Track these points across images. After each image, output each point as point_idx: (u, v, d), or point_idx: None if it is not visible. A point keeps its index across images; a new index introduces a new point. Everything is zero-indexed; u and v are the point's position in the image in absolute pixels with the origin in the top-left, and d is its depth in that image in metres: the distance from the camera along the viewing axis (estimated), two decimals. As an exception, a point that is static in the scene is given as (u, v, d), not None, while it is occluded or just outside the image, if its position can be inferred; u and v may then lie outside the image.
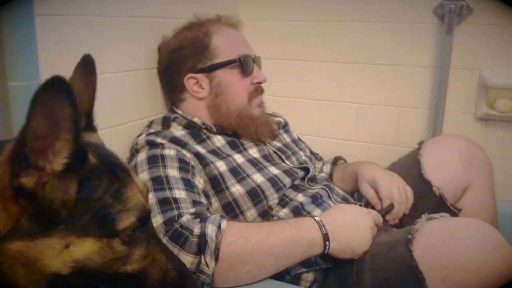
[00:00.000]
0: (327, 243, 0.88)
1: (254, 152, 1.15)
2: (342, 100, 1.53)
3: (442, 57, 1.32)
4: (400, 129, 1.48)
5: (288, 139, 1.30)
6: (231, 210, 1.04)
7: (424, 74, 1.41)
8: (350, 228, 0.91)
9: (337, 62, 1.51)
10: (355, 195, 1.28)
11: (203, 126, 1.15)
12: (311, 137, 1.58)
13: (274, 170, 1.12)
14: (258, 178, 1.08)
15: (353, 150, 1.54)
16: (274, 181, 1.09)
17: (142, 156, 1.02)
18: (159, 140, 1.05)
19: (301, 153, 1.28)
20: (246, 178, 1.06)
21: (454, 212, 1.14)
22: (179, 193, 0.92)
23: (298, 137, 1.37)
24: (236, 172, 1.06)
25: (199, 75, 1.15)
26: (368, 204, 1.16)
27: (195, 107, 1.17)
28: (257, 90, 1.20)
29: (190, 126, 1.14)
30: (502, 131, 1.36)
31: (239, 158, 1.10)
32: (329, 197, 1.15)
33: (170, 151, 1.03)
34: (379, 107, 1.49)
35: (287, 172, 1.14)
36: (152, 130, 1.12)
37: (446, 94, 1.33)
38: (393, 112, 1.47)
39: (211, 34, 1.15)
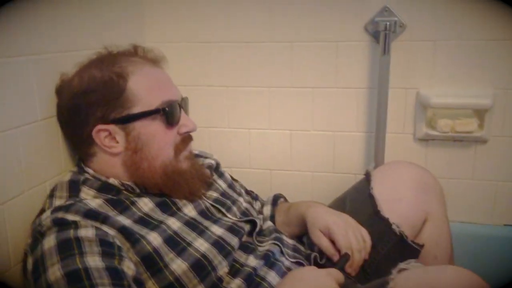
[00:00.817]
0: None
1: (190, 210, 0.95)
2: (273, 128, 1.38)
3: (379, 77, 1.23)
4: (337, 155, 1.37)
5: (223, 185, 1.12)
6: (174, 292, 0.84)
7: (359, 96, 1.31)
8: None
9: (263, 87, 1.36)
10: (304, 239, 1.14)
11: (123, 188, 0.92)
12: (242, 170, 1.42)
13: (217, 230, 0.94)
14: (201, 245, 0.88)
15: (288, 180, 1.41)
16: (220, 245, 0.90)
17: (49, 242, 0.78)
18: (70, 217, 0.81)
19: (241, 200, 1.10)
20: (187, 248, 0.86)
21: (416, 249, 1.05)
22: None
23: (231, 176, 1.20)
24: (174, 242, 0.86)
25: (111, 127, 0.91)
26: (321, 253, 1.04)
27: (109, 164, 0.93)
28: (185, 141, 0.98)
29: (105, 189, 0.91)
30: (442, 150, 1.31)
31: (174, 223, 0.90)
32: (281, 252, 1.00)
33: (87, 231, 0.79)
34: (313, 133, 1.37)
35: (231, 229, 0.96)
36: (57, 202, 0.87)
37: (391, 116, 1.25)
38: (329, 138, 1.36)
39: (127, 76, 0.91)
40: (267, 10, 1.31)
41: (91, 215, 0.82)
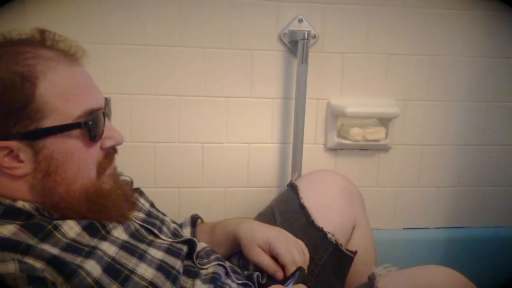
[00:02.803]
0: None
1: (119, 233, 0.78)
2: (183, 140, 1.27)
3: (297, 87, 1.22)
4: (251, 168, 1.31)
5: (146, 204, 0.97)
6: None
7: (274, 106, 1.28)
8: None
9: (173, 95, 1.24)
10: (235, 261, 1.05)
11: (36, 213, 0.72)
12: (147, 189, 1.25)
13: (156, 253, 0.80)
14: (145, 271, 0.73)
15: (198, 198, 1.30)
16: (165, 270, 0.76)
17: None
18: None
19: (167, 219, 0.97)
20: (131, 276, 0.71)
21: (351, 256, 1.04)
22: None
23: None
24: (116, 271, 0.70)
25: (13, 143, 0.69)
26: (262, 271, 0.96)
27: (10, 189, 0.72)
28: (109, 156, 0.80)
29: (12, 215, 0.70)
30: (350, 159, 1.35)
31: (109, 248, 0.73)
32: (226, 274, 0.89)
33: (7, 267, 0.60)
34: (227, 145, 1.29)
35: (170, 251, 0.82)
36: None
37: (304, 126, 1.24)
38: (243, 150, 1.30)
39: (35, 78, 0.69)
40: (178, 11, 1.20)
41: (7, 245, 0.62)
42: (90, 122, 0.73)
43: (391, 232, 1.41)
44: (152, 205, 0.99)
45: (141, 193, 1.00)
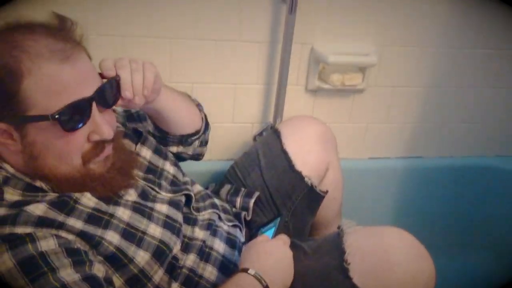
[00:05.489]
0: None
1: (131, 195, 0.90)
2: (175, 81, 1.33)
3: (284, 33, 1.27)
4: (237, 106, 1.41)
5: (148, 154, 1.04)
6: (137, 282, 0.83)
7: (261, 50, 1.34)
8: (279, 267, 0.87)
9: (166, 38, 1.28)
10: (223, 195, 1.21)
11: (51, 191, 0.80)
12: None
13: (162, 208, 0.93)
14: (155, 230, 0.88)
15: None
16: (170, 226, 0.91)
17: (5, 264, 0.69)
18: (19, 229, 0.72)
19: (167, 165, 1.06)
20: (144, 236, 0.85)
21: (322, 195, 1.21)
22: None
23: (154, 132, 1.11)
24: (131, 235, 0.84)
25: (5, 125, 0.75)
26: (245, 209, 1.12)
27: (12, 159, 0.80)
28: (97, 148, 0.81)
29: (33, 190, 0.79)
30: (326, 100, 1.46)
31: (124, 213, 0.85)
32: (219, 218, 1.05)
33: (48, 242, 0.72)
34: (214, 85, 1.37)
35: (172, 203, 0.96)
36: None
37: (289, 70, 1.32)
38: (230, 90, 1.39)
39: (21, 76, 0.71)
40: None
41: (44, 222, 0.74)
42: (63, 117, 0.73)
43: (358, 161, 1.58)
44: (155, 150, 1.04)
45: (144, 141, 1.04)
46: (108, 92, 0.81)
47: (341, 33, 1.37)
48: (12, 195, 0.78)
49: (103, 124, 0.80)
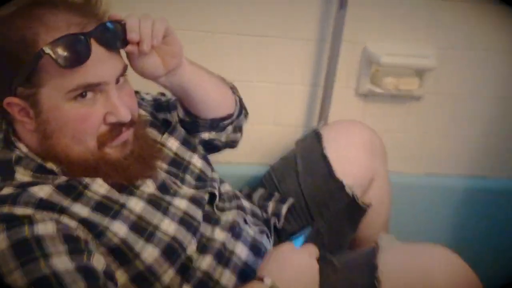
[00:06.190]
0: None
1: (148, 186, 0.83)
2: (215, 77, 1.28)
3: (333, 30, 1.18)
4: (279, 107, 1.33)
5: (175, 145, 0.97)
6: (144, 280, 0.76)
7: (308, 48, 1.26)
8: (300, 281, 0.77)
9: (206, 31, 1.23)
10: (255, 198, 1.12)
11: (62, 174, 0.76)
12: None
13: (181, 203, 0.85)
14: (169, 226, 0.80)
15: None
16: (187, 222, 0.83)
17: (0, 244, 0.64)
18: (19, 210, 0.67)
19: (195, 158, 0.98)
20: (156, 231, 0.78)
21: (364, 208, 1.09)
22: None
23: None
24: (140, 228, 0.77)
25: (22, 102, 0.72)
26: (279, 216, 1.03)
27: (27, 138, 0.77)
28: (113, 131, 0.77)
29: (45, 172, 0.76)
30: (379, 105, 1.34)
31: (136, 204, 0.79)
32: (245, 221, 0.96)
33: (46, 227, 0.67)
34: (256, 84, 1.30)
35: (193, 200, 0.88)
36: None
37: (337, 71, 1.22)
38: (272, 89, 1.31)
39: (38, 47, 0.68)
40: None
41: (45, 205, 0.69)
42: (56, 49, 0.67)
43: (412, 176, 1.44)
44: (184, 141, 0.97)
45: (173, 130, 0.98)
46: (112, 33, 0.75)
47: (397, 32, 1.25)
48: (23, 175, 0.74)
49: (120, 105, 0.75)
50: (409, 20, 1.24)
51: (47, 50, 0.68)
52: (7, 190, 0.70)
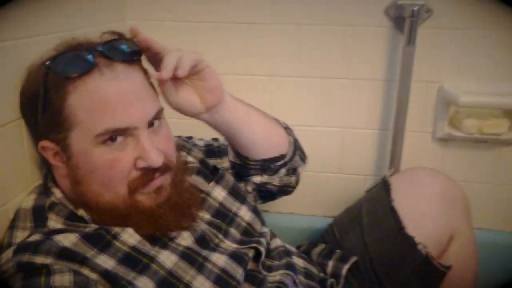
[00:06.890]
0: None
1: (185, 238, 0.76)
2: (274, 122, 1.21)
3: (401, 69, 1.07)
4: (345, 154, 1.22)
5: (222, 194, 0.90)
6: None
7: (373, 88, 1.15)
8: None
9: (264, 75, 1.18)
10: (314, 256, 1.01)
11: (92, 222, 0.72)
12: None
13: (219, 259, 0.77)
14: (202, 285, 0.71)
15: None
16: (224, 282, 0.74)
17: None
18: (39, 259, 0.63)
19: (243, 211, 0.90)
20: None
21: (442, 271, 0.93)
22: None
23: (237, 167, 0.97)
24: (170, 284, 0.69)
25: (55, 146, 0.72)
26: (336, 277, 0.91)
27: (62, 182, 0.75)
28: (145, 177, 0.72)
29: (76, 220, 0.72)
30: (462, 152, 1.18)
31: (168, 258, 0.72)
32: (294, 283, 0.85)
33: (62, 278, 0.62)
34: (319, 129, 1.21)
35: (234, 256, 0.79)
36: (19, 235, 0.69)
37: (407, 113, 1.10)
38: (337, 134, 1.21)
39: (67, 90, 0.68)
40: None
41: (67, 255, 0.65)
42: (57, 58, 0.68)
43: (506, 234, 1.23)
44: (232, 190, 0.91)
45: (220, 179, 0.91)
46: (123, 46, 0.73)
47: (478, 68, 1.10)
48: (55, 222, 0.72)
49: (151, 149, 0.70)
50: (492, 53, 1.09)
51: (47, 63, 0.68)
52: (34, 237, 0.67)
